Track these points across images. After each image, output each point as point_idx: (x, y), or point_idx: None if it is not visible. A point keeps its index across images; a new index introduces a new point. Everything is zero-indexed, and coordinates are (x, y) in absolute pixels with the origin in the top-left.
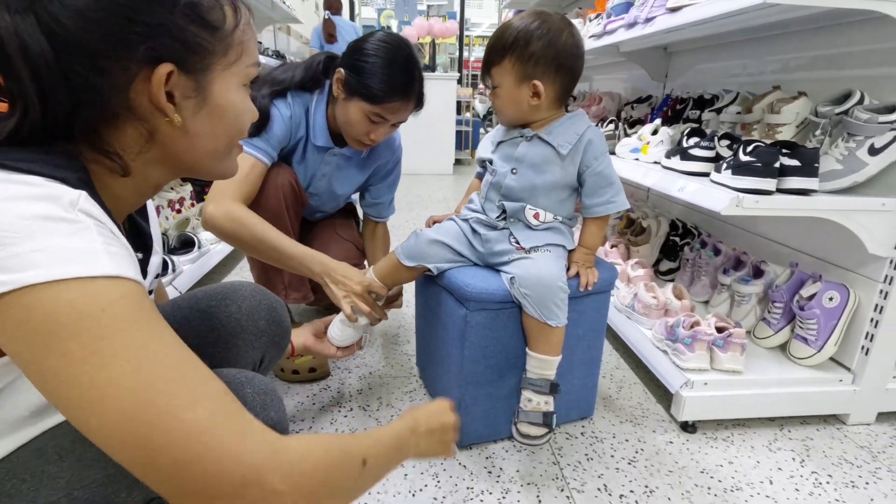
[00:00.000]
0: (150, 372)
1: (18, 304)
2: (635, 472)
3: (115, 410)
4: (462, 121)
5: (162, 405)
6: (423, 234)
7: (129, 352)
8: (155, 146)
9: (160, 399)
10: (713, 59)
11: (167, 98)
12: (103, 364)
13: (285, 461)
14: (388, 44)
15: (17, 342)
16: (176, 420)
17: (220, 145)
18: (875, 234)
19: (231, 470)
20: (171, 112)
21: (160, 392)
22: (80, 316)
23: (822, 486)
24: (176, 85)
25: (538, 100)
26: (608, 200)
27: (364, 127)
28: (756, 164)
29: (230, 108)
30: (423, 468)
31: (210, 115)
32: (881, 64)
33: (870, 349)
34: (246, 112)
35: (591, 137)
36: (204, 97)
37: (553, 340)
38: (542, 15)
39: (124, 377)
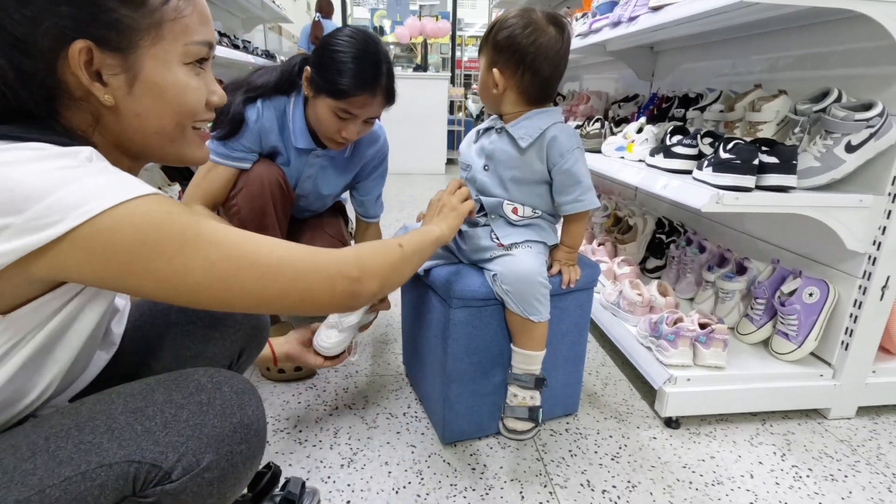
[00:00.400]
0: (231, 240)
1: (97, 232)
2: (618, 468)
3: (224, 282)
4: (454, 120)
5: (263, 257)
6: (413, 229)
7: (205, 238)
8: (103, 127)
9: (251, 252)
10: (699, 59)
11: (97, 78)
12: (197, 249)
13: (354, 259)
14: (353, 38)
15: (109, 265)
16: (276, 261)
17: (166, 125)
18: (853, 231)
19: (322, 278)
20: (100, 91)
21: (250, 249)
22: (159, 222)
23: (801, 480)
24: (101, 63)
25: (496, 89)
26: (576, 199)
27: (333, 124)
28: (736, 162)
29: (168, 87)
30: (406, 465)
31: (146, 94)
32: (859, 63)
33: (849, 344)
34: (190, 91)
35: (554, 134)
36: (134, 75)
37: (536, 335)
38: (529, 11)
39: (216, 250)
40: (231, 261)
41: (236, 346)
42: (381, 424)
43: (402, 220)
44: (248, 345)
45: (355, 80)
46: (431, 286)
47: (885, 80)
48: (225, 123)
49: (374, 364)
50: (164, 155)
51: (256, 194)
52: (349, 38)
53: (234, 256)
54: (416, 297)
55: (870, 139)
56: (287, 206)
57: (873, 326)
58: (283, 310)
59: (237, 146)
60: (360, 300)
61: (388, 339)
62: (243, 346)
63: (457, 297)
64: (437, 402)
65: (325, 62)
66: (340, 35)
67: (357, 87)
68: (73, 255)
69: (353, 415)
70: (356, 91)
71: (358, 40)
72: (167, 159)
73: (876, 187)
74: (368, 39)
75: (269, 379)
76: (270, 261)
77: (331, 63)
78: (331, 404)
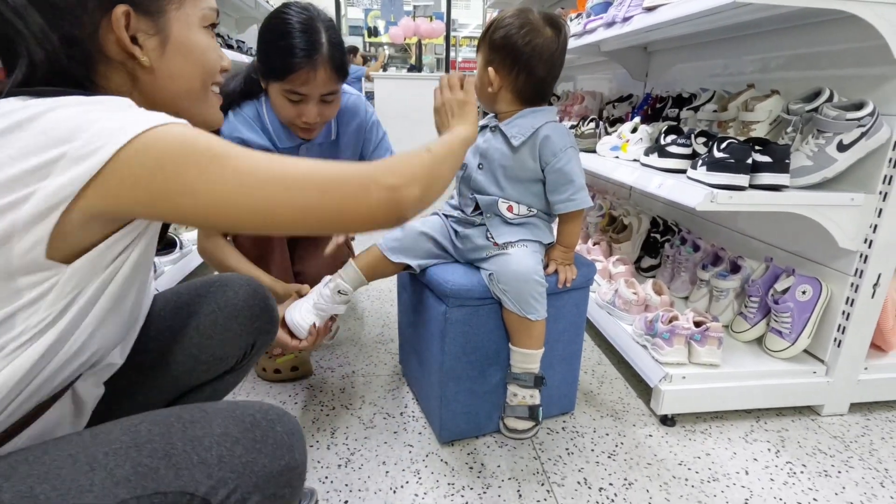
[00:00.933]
0: (255, 159)
1: (136, 152)
2: (615, 466)
3: (254, 192)
4: None
5: (290, 168)
6: (411, 227)
7: (232, 152)
8: (138, 92)
9: (278, 165)
10: (692, 59)
11: (133, 41)
12: (223, 169)
13: (385, 167)
14: (284, 13)
15: (151, 184)
16: (304, 171)
17: (195, 85)
18: (845, 229)
19: (355, 187)
20: (138, 52)
21: (277, 163)
22: (191, 139)
23: (795, 476)
24: (137, 28)
25: (491, 88)
26: (568, 198)
27: (289, 110)
28: (729, 161)
29: (194, 46)
30: (404, 465)
31: (176, 54)
32: (850, 63)
33: (842, 341)
34: (211, 49)
35: (547, 133)
36: (165, 36)
37: (534, 334)
38: (526, 12)
39: (245, 167)
40: (259, 171)
41: (251, 337)
42: (378, 424)
43: None
44: (261, 336)
45: (290, 56)
46: (428, 285)
47: (876, 79)
48: None
49: (370, 364)
50: (191, 117)
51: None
52: (280, 14)
53: (261, 167)
54: (412, 296)
55: (861, 138)
56: None
57: (865, 324)
58: (322, 226)
59: None
60: (405, 209)
61: (384, 338)
62: (256, 338)
63: (453, 295)
64: (434, 401)
65: (262, 46)
66: (276, 13)
67: (294, 63)
68: (120, 179)
69: (349, 414)
70: (294, 67)
71: (289, 14)
72: (193, 123)
73: (867, 186)
74: (300, 11)
75: (266, 379)
76: (297, 172)
77: (265, 45)
78: (327, 404)
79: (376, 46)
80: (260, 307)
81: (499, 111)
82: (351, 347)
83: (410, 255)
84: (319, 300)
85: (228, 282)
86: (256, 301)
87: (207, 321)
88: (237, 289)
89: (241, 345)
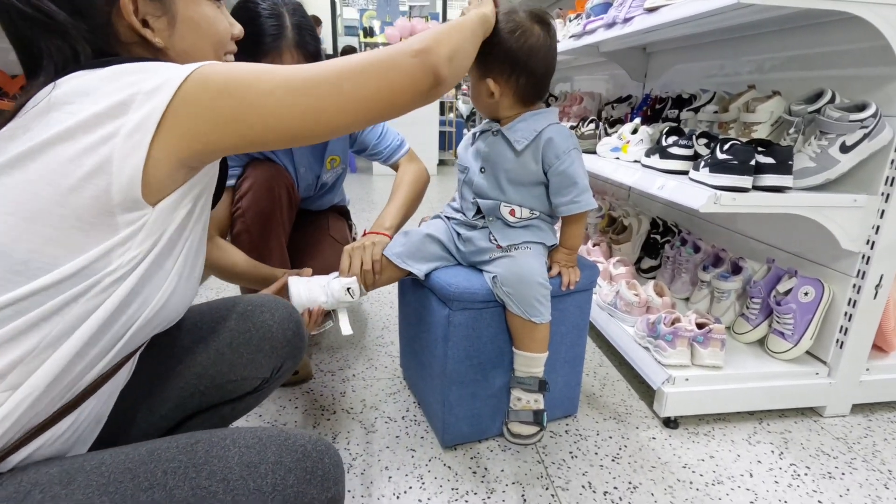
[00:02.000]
0: (302, 67)
1: (196, 85)
2: (619, 469)
3: (309, 89)
4: (445, 121)
5: (335, 65)
6: (417, 231)
7: (270, 67)
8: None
9: (324, 67)
10: (691, 60)
11: (144, 25)
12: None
13: (410, 40)
14: (245, 2)
15: (216, 108)
16: (345, 64)
17: (209, 56)
18: (847, 230)
19: (391, 61)
20: (151, 35)
21: (319, 66)
22: (229, 75)
23: (800, 478)
24: (145, 12)
25: (493, 98)
26: (572, 200)
27: None
28: (733, 162)
29: (202, 20)
30: (407, 470)
31: (186, 30)
32: (851, 64)
33: (844, 342)
34: (218, 20)
35: (550, 136)
36: (172, 14)
37: (538, 337)
38: (512, 14)
39: (294, 72)
40: (300, 74)
41: (279, 360)
42: (379, 429)
43: None
44: (287, 360)
45: (257, 43)
46: (430, 288)
47: (877, 80)
48: None
49: (371, 367)
50: None
51: (264, 199)
52: (242, 4)
53: (301, 71)
54: (414, 300)
55: (864, 140)
56: (292, 213)
57: (867, 325)
58: (369, 110)
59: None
60: (439, 67)
61: (384, 341)
62: (284, 360)
63: (457, 299)
64: (436, 405)
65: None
66: (237, 4)
67: (258, 52)
68: (188, 111)
69: (350, 419)
70: (258, 56)
71: (251, 2)
72: None
73: (869, 187)
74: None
75: None
76: (334, 67)
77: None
78: (328, 408)
79: (372, 47)
80: (293, 332)
81: (500, 117)
82: (351, 350)
83: (417, 258)
84: (328, 287)
85: (266, 304)
86: (290, 325)
87: (241, 339)
88: (274, 312)
89: (269, 366)
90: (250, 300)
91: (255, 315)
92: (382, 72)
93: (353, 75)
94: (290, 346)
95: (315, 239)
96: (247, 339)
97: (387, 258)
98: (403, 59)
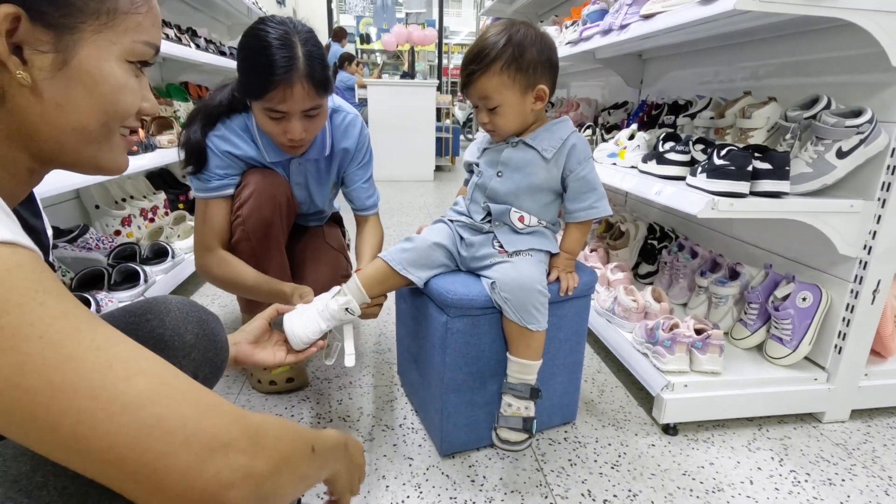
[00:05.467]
0: (71, 346)
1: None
2: (618, 477)
3: (36, 395)
4: (442, 127)
5: (96, 381)
6: (422, 239)
7: (37, 327)
8: (6, 112)
9: (91, 375)
10: (686, 66)
11: (14, 51)
12: (10, 345)
13: (250, 428)
14: (257, 30)
15: None
16: (117, 392)
17: (91, 123)
18: (845, 235)
19: (190, 441)
20: (15, 65)
21: (88, 367)
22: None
23: (800, 485)
24: (26, 36)
25: (542, 103)
26: (590, 206)
27: (272, 127)
28: (730, 168)
29: (104, 81)
30: (404, 479)
31: (76, 82)
32: (846, 70)
33: (842, 348)
34: (127, 90)
35: (574, 142)
36: (65, 58)
37: (533, 345)
38: (519, 24)
39: (39, 355)
40: (64, 369)
41: (189, 371)
42: (377, 437)
43: (391, 227)
44: (203, 367)
45: (265, 75)
46: (428, 295)
47: (873, 86)
48: (191, 158)
49: (368, 374)
50: (78, 158)
51: (264, 207)
52: (254, 31)
53: (60, 368)
54: (412, 306)
55: (860, 145)
56: (291, 220)
57: (865, 330)
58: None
59: (210, 175)
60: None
61: (381, 348)
62: (195, 370)
63: (455, 305)
64: (434, 412)
65: (239, 63)
66: (250, 29)
67: (269, 82)
68: None
69: (347, 427)
70: (269, 86)
71: (264, 29)
72: (81, 164)
73: (866, 192)
74: (276, 26)
75: (261, 391)
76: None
77: (241, 63)
78: (324, 417)
79: (368, 53)
80: (194, 334)
81: (529, 126)
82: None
83: (421, 267)
84: (325, 312)
85: (154, 309)
86: (188, 328)
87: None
88: (163, 316)
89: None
90: (134, 307)
91: (140, 326)
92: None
93: (128, 424)
94: (197, 352)
95: (312, 247)
96: (158, 349)
97: (389, 266)
98: (220, 454)
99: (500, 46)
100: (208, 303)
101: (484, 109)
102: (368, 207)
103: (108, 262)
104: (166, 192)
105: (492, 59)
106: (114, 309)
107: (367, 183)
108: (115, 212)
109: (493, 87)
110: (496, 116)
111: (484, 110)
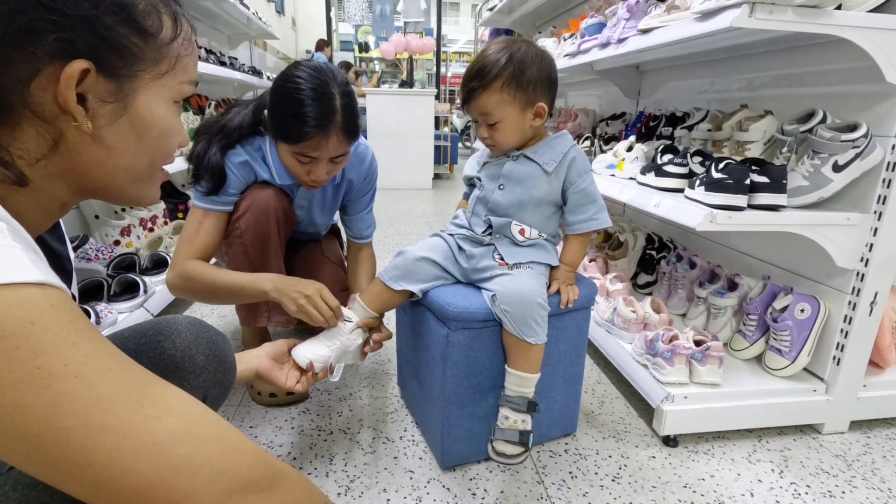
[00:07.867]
0: (104, 385)
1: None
2: (619, 489)
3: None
4: (440, 136)
5: (128, 420)
6: (410, 253)
7: (72, 367)
8: (59, 155)
9: (124, 414)
10: (683, 77)
11: (78, 100)
12: (45, 385)
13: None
14: (300, 78)
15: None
16: (148, 431)
17: (141, 164)
18: (842, 248)
19: (215, 480)
20: (81, 116)
21: (121, 406)
22: (6, 332)
23: (801, 497)
24: (92, 87)
25: (541, 120)
26: (590, 217)
27: (297, 168)
28: (728, 181)
29: (156, 124)
30: (405, 492)
31: (131, 127)
32: (840, 83)
33: (841, 359)
34: (174, 133)
35: (574, 156)
36: (125, 105)
37: (532, 358)
38: (514, 41)
39: (74, 395)
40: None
41: (199, 392)
42: (377, 449)
43: (390, 235)
44: (212, 389)
45: (304, 124)
46: (429, 308)
47: (867, 100)
48: (207, 178)
49: (368, 386)
50: (122, 193)
51: (262, 219)
52: (296, 78)
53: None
54: (412, 319)
55: (856, 159)
56: (288, 231)
57: (863, 341)
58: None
59: (225, 193)
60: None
61: (381, 359)
62: (205, 392)
63: (456, 318)
64: (435, 425)
65: (275, 107)
66: (289, 76)
67: (307, 131)
68: None
69: (348, 440)
70: (307, 135)
71: (304, 79)
72: (123, 199)
73: (862, 205)
74: (317, 77)
75: (261, 404)
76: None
77: (279, 107)
78: (325, 429)
79: (367, 62)
80: (205, 355)
81: (528, 140)
82: (348, 369)
83: (412, 279)
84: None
85: (164, 330)
86: (199, 349)
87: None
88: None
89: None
90: (145, 328)
91: (152, 347)
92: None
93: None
94: (207, 373)
95: (310, 260)
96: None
97: (384, 284)
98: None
99: (501, 64)
100: (207, 313)
101: (484, 125)
102: (366, 237)
103: (108, 273)
104: (165, 201)
105: (493, 76)
106: (123, 329)
107: (369, 214)
108: (114, 221)
109: (494, 103)
110: (496, 132)
111: (484, 125)
